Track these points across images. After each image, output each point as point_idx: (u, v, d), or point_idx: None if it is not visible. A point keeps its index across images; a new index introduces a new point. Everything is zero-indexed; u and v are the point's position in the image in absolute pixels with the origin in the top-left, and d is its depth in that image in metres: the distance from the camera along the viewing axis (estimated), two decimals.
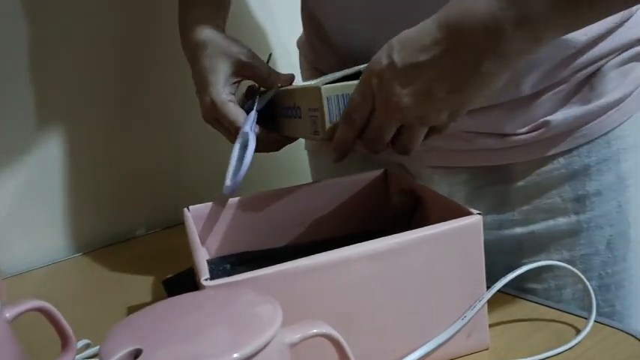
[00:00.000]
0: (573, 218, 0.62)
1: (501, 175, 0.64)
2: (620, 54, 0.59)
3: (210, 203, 0.61)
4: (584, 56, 0.57)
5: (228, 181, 0.59)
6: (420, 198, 0.59)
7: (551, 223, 0.63)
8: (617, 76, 0.59)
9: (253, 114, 0.63)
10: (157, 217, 0.95)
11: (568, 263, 0.58)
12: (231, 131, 0.64)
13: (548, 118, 0.59)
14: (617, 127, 0.60)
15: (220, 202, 0.61)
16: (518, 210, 0.64)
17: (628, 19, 0.58)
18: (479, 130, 0.61)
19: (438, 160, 0.66)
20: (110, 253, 0.87)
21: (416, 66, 0.46)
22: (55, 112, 0.86)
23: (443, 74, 0.46)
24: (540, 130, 0.60)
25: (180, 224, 0.78)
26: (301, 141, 0.81)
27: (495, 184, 0.64)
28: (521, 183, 0.63)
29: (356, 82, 0.52)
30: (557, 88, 0.59)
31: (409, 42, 0.47)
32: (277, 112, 0.65)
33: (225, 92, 0.64)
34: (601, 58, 0.58)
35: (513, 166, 0.63)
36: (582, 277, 0.54)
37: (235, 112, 0.63)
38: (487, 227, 0.62)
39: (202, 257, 0.47)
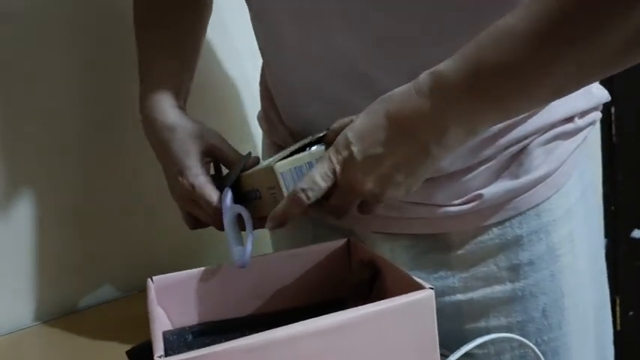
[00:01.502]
0: (509, 286, 0.65)
1: (440, 243, 0.67)
2: (543, 134, 0.64)
3: (175, 273, 0.62)
4: (507, 136, 0.62)
5: (236, 258, 0.60)
6: (379, 269, 0.60)
7: (488, 290, 0.66)
8: (542, 154, 0.64)
9: (228, 190, 0.65)
10: (126, 282, 0.95)
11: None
12: (208, 211, 0.65)
13: (481, 191, 0.63)
14: (545, 200, 0.65)
15: (185, 272, 0.62)
16: (458, 277, 0.67)
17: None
18: (412, 201, 0.65)
19: (380, 226, 0.69)
20: (75, 321, 0.86)
21: (375, 157, 0.52)
22: (19, 172, 0.86)
23: (399, 162, 0.52)
24: (474, 203, 0.64)
25: None
26: None
27: (436, 251, 0.67)
28: (459, 251, 0.66)
29: (304, 154, 0.57)
30: (487, 164, 0.64)
31: (364, 136, 0.52)
32: (239, 197, 0.66)
33: (202, 174, 0.66)
34: (526, 138, 0.63)
35: (450, 234, 0.66)
36: (538, 352, 0.56)
37: (212, 192, 0.65)
38: None
39: (158, 332, 0.48)
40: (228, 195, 0.64)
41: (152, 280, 0.61)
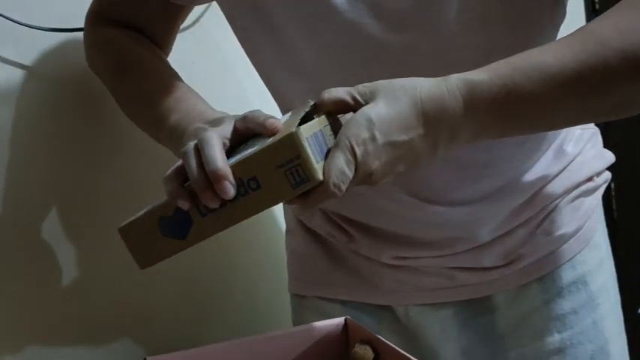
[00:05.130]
0: (557, 337, 0.70)
1: (485, 305, 0.71)
2: (570, 192, 0.72)
3: (173, 354, 0.61)
4: (541, 197, 0.70)
5: None
6: (378, 352, 0.60)
7: (538, 343, 0.70)
8: (571, 211, 0.71)
9: None
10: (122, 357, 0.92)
11: None
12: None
13: (521, 250, 0.70)
14: (578, 253, 0.71)
15: (180, 353, 0.61)
16: (507, 336, 0.71)
17: (567, 166, 0.71)
18: (463, 266, 0.70)
19: (426, 298, 0.72)
20: None
21: (393, 144, 0.50)
22: None
23: (408, 154, 0.52)
24: (515, 262, 0.70)
25: None
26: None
27: (482, 314, 0.71)
28: (504, 311, 0.71)
29: (313, 122, 0.52)
30: (525, 226, 0.70)
31: (389, 121, 0.50)
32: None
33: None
34: (556, 198, 0.70)
35: (495, 296, 0.71)
36: None
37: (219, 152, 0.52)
38: (481, 356, 0.72)
39: None
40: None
41: None
